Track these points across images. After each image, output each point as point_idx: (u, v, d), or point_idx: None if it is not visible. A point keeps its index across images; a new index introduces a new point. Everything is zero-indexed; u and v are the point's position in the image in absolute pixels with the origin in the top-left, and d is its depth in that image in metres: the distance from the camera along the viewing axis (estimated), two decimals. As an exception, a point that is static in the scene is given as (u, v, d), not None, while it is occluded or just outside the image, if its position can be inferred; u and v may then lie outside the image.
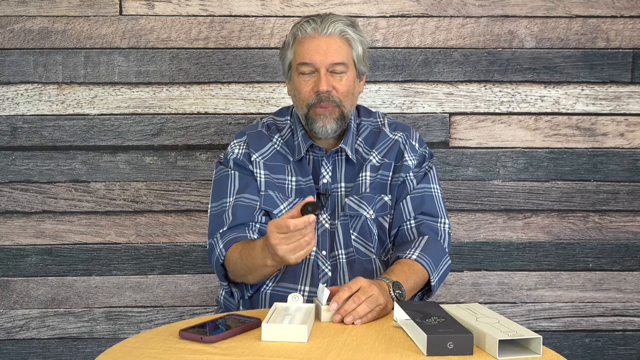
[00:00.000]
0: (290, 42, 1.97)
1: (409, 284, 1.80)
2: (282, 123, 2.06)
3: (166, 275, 2.60)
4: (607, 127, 2.61)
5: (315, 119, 1.94)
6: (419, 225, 1.97)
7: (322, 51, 1.91)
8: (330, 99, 1.92)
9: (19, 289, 2.59)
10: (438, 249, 1.94)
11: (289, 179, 1.99)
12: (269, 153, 2.01)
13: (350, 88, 1.96)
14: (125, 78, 2.54)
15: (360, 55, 1.98)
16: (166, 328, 1.59)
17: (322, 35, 1.92)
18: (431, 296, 1.95)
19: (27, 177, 2.56)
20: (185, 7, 2.52)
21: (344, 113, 1.96)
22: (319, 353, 1.43)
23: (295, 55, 1.96)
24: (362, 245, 1.96)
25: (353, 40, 1.95)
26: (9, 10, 2.50)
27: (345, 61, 1.94)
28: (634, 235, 2.65)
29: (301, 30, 1.94)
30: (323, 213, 1.97)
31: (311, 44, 1.92)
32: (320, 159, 2.00)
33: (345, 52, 1.94)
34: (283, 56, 2.02)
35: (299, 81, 1.95)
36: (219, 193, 2.00)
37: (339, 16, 1.96)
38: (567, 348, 2.66)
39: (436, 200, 2.01)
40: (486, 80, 2.58)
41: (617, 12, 2.57)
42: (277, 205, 1.96)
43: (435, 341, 1.42)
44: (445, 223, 2.00)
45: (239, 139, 2.05)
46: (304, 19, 1.97)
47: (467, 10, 2.56)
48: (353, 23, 1.97)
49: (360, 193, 1.98)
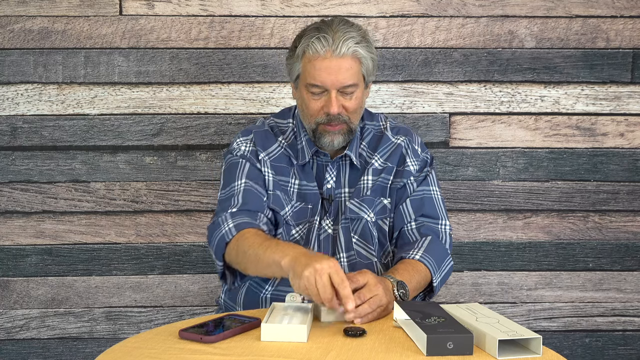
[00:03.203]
0: (299, 55, 1.91)
1: (412, 284, 1.80)
2: (284, 125, 2.05)
3: (166, 275, 2.60)
4: (607, 127, 2.61)
5: (323, 134, 1.92)
6: (419, 227, 1.97)
7: (333, 73, 1.86)
8: (340, 119, 1.91)
9: (19, 289, 2.59)
10: (440, 250, 1.94)
11: (292, 182, 1.98)
12: (275, 153, 2.00)
13: (360, 103, 1.94)
14: (125, 78, 2.54)
15: (370, 70, 1.94)
16: (166, 328, 1.59)
17: (334, 57, 1.86)
18: (433, 297, 1.95)
19: (27, 177, 2.56)
20: (185, 7, 2.52)
21: (352, 128, 1.95)
22: (318, 353, 1.43)
23: (304, 72, 1.91)
24: (363, 248, 1.96)
25: (364, 58, 1.90)
26: (9, 10, 2.50)
27: (357, 82, 1.90)
28: (634, 235, 2.65)
29: (311, 48, 1.87)
30: (327, 218, 1.97)
31: (322, 65, 1.86)
32: (325, 164, 1.99)
33: (356, 72, 1.89)
34: (290, 64, 1.95)
35: (308, 98, 1.91)
36: (229, 178, 1.96)
37: (349, 30, 1.89)
38: (567, 348, 2.66)
39: (436, 202, 2.01)
40: (486, 80, 2.58)
41: (617, 12, 2.57)
42: (283, 206, 1.95)
43: (435, 341, 1.42)
44: (446, 225, 2.00)
45: (245, 137, 2.02)
46: (314, 33, 1.89)
47: (467, 10, 2.56)
48: (364, 37, 1.91)
49: (361, 196, 1.97)
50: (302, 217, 1.95)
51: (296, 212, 1.95)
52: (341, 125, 1.91)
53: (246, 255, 1.78)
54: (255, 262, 1.76)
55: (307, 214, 1.96)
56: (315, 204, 1.96)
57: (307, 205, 1.96)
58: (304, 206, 1.96)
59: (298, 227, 1.95)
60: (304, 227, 1.95)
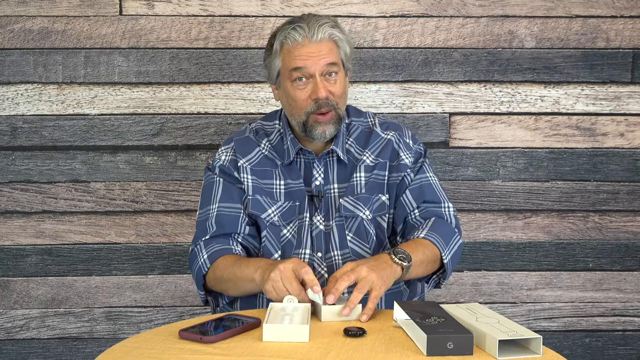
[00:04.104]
0: (277, 50, 1.95)
1: (417, 256, 1.80)
2: (270, 127, 2.07)
3: (166, 275, 2.60)
4: (607, 127, 2.61)
5: (315, 126, 1.94)
6: (423, 213, 1.98)
7: (314, 55, 1.91)
8: (329, 104, 1.93)
9: (19, 289, 2.59)
10: (447, 229, 1.95)
11: (277, 183, 1.99)
12: (256, 158, 2.02)
13: (344, 88, 1.98)
14: (125, 78, 2.54)
15: (348, 54, 1.99)
16: (166, 328, 1.59)
17: (312, 43, 1.91)
18: (447, 277, 1.93)
19: (27, 177, 2.56)
20: (185, 7, 2.52)
21: (340, 115, 1.97)
22: (319, 353, 1.44)
23: (285, 62, 1.94)
24: (358, 246, 1.96)
25: (341, 40, 1.95)
26: (9, 10, 2.50)
27: (337, 61, 1.94)
28: (634, 235, 2.65)
29: (289, 38, 1.92)
30: (317, 215, 1.97)
31: (302, 52, 1.91)
32: (311, 161, 2.01)
33: (335, 53, 1.94)
34: (269, 63, 1.99)
35: (294, 89, 1.94)
36: (205, 200, 2.03)
37: (321, 17, 1.95)
38: (567, 348, 2.66)
39: (435, 187, 2.02)
40: (486, 80, 2.58)
41: (617, 12, 2.57)
42: (264, 209, 1.97)
43: (435, 341, 1.42)
44: (449, 207, 2.01)
45: (226, 146, 2.07)
46: (288, 26, 1.94)
47: (467, 10, 2.56)
48: (336, 23, 1.97)
49: (356, 194, 1.98)
50: (291, 216, 1.97)
51: (285, 212, 1.97)
52: (331, 112, 1.94)
53: (223, 281, 1.89)
54: (233, 284, 1.86)
55: (295, 211, 1.97)
56: (302, 201, 1.97)
57: (295, 202, 1.97)
58: (292, 204, 1.97)
59: (289, 226, 1.96)
60: (294, 226, 1.96)
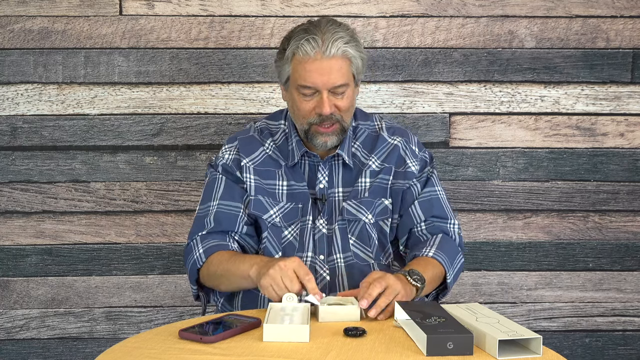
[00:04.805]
0: (289, 57, 1.91)
1: (427, 275, 1.81)
2: (275, 127, 2.05)
3: (166, 275, 2.60)
4: (607, 127, 2.61)
5: (316, 135, 1.93)
6: (429, 227, 2.00)
7: (324, 73, 1.86)
8: (332, 118, 1.91)
9: (19, 289, 2.59)
10: (452, 247, 1.97)
11: (280, 184, 1.98)
12: (259, 158, 2.01)
13: (352, 102, 1.94)
14: (125, 78, 2.54)
15: (360, 68, 1.94)
16: (166, 328, 1.59)
17: (324, 58, 1.86)
18: (446, 294, 1.97)
19: (27, 177, 2.56)
20: (185, 7, 2.52)
21: (344, 127, 1.95)
22: (319, 353, 1.44)
23: (294, 73, 1.90)
24: (360, 249, 1.96)
25: (354, 57, 1.90)
26: (9, 10, 2.50)
27: (347, 81, 1.90)
28: (634, 235, 2.65)
29: (301, 50, 1.87)
30: (320, 218, 1.97)
31: (312, 67, 1.86)
32: (316, 164, 1.99)
33: (346, 72, 1.89)
34: (280, 66, 1.95)
35: (299, 99, 1.91)
36: (206, 196, 2.01)
37: (338, 30, 1.89)
38: (567, 348, 2.66)
39: (443, 203, 2.04)
40: (486, 80, 2.58)
41: (617, 12, 2.57)
42: (266, 210, 1.96)
43: (435, 341, 1.42)
44: (455, 224, 2.03)
45: (230, 144, 2.05)
46: (303, 35, 1.88)
47: (467, 10, 2.56)
48: (352, 36, 1.91)
49: (359, 198, 1.98)
50: (293, 218, 1.96)
51: (286, 213, 1.96)
52: (334, 126, 1.92)
53: (217, 276, 1.88)
54: (226, 278, 1.86)
55: (297, 214, 1.96)
56: (305, 203, 1.96)
57: (298, 205, 1.96)
58: (294, 206, 1.96)
59: (290, 228, 1.96)
60: (296, 228, 1.96)
